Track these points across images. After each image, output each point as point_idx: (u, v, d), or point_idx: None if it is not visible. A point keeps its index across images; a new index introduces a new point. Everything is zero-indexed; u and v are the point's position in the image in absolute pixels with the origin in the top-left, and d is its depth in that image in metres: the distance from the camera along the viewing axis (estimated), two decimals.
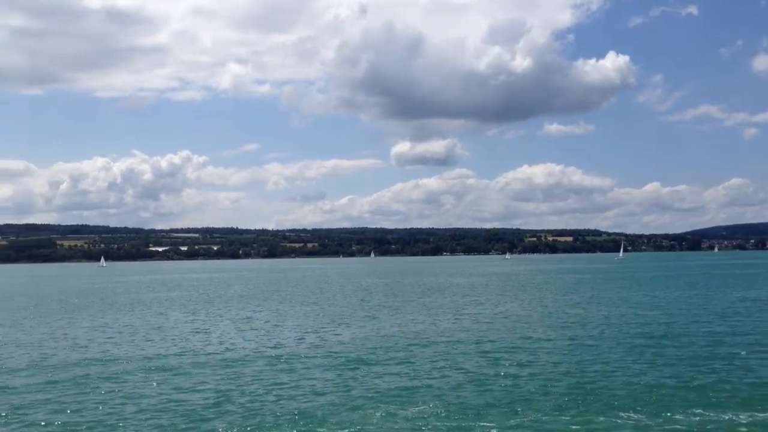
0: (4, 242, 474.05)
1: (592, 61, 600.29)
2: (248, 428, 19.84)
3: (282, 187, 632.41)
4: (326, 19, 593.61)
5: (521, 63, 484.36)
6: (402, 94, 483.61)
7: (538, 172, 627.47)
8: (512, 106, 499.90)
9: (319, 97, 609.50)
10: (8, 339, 40.20)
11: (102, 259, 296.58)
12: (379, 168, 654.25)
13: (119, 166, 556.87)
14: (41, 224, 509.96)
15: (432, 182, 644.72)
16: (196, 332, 42.12)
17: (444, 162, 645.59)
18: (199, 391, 24.79)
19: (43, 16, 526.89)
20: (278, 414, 21.29)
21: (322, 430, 19.67)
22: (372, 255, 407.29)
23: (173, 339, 38.93)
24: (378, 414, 21.01)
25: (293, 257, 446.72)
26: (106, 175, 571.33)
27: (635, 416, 20.17)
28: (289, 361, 30.43)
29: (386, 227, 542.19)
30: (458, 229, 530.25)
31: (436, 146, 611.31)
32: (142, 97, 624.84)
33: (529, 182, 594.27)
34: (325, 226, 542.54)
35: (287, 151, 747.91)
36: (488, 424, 19.75)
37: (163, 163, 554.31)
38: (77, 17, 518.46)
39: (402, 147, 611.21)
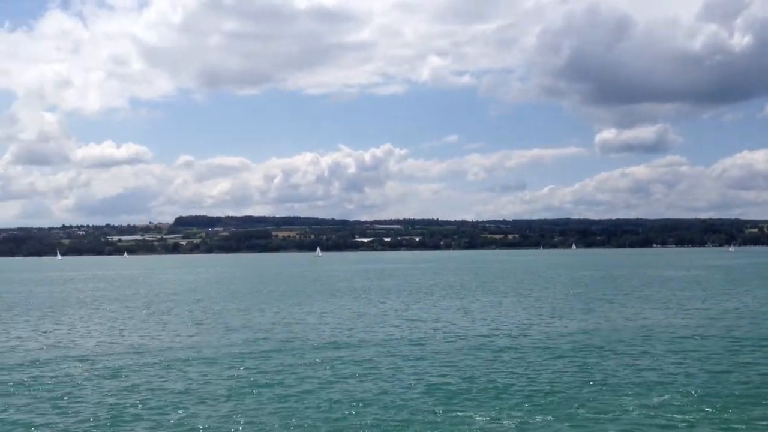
0: (225, 233, 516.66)
1: None
2: (527, 408, 20.64)
3: (481, 177, 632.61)
4: (527, 6, 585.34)
5: (740, 41, 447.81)
6: (607, 79, 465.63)
7: (760, 158, 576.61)
8: (730, 87, 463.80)
9: (518, 86, 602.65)
10: (305, 319, 44.39)
11: (318, 249, 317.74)
12: (582, 156, 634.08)
13: (326, 160, 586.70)
14: (258, 216, 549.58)
15: (640, 170, 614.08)
16: (414, 320, 43.90)
17: (653, 149, 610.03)
18: (452, 371, 26.15)
19: (256, 19, 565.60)
20: (535, 397, 21.95)
21: (582, 411, 20.16)
22: (573, 247, 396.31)
23: (402, 325, 40.94)
24: (626, 402, 20.99)
25: (493, 248, 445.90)
26: (314, 169, 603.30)
27: None
28: (522, 350, 30.97)
29: (590, 218, 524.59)
30: (669, 219, 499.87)
31: (644, 132, 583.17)
32: (347, 92, 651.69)
33: (750, 168, 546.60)
34: (525, 217, 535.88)
35: (486, 141, 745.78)
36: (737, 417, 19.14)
37: (367, 156, 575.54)
38: (288, 19, 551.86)
39: (607, 134, 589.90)
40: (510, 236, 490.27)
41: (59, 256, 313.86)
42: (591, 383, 23.75)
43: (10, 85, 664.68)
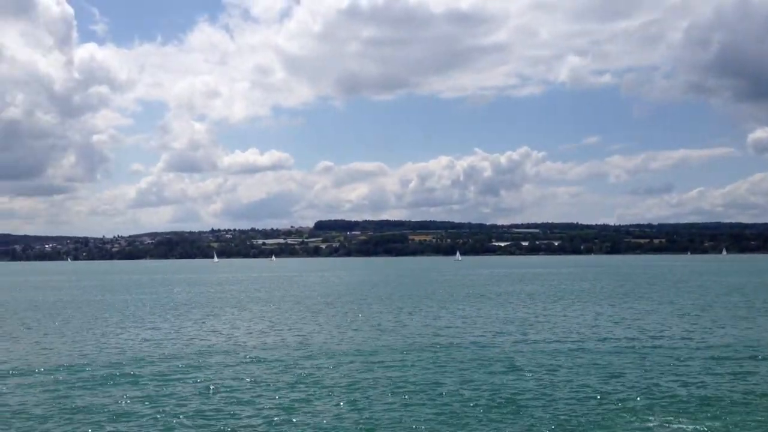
0: (363, 237, 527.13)
1: None
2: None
3: (623, 180, 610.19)
4: (673, 1, 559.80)
5: None
6: (760, 74, 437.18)
7: None
8: None
9: (663, 84, 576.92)
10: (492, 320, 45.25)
11: (457, 253, 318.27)
12: (733, 157, 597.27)
13: (462, 164, 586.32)
14: (394, 220, 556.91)
15: None
16: (567, 325, 43.17)
17: None
18: (614, 377, 25.68)
19: (393, 25, 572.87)
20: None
21: None
22: (724, 252, 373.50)
23: (556, 329, 40.46)
24: None
25: (638, 253, 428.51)
26: (450, 173, 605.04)
27: None
28: (692, 359, 29.89)
29: (743, 222, 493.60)
30: None
31: None
32: (482, 95, 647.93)
33: None
34: (671, 221, 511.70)
35: (629, 142, 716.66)
36: None
37: (503, 159, 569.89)
38: (423, 23, 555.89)
39: (762, 133, 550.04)
40: (655, 241, 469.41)
41: (216, 259, 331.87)
42: None
43: (162, 96, 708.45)
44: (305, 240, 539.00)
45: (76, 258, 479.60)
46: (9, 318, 52.67)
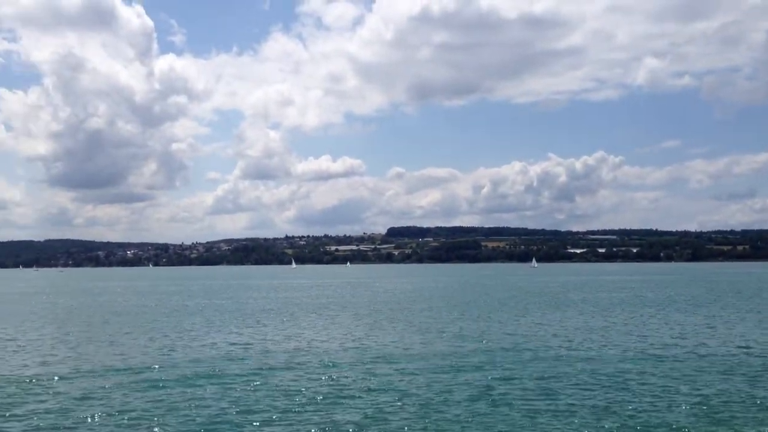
0: (435, 243, 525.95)
1: None
2: None
3: (705, 185, 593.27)
4: (753, 1, 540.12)
5: None
6: None
7: None
8: None
9: (746, 85, 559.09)
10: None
11: (533, 260, 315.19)
12: None
13: (535, 170, 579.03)
14: (467, 226, 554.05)
15: None
16: (651, 334, 41.93)
17: None
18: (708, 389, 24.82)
19: (465, 30, 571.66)
20: None
21: None
22: None
23: (643, 337, 39.39)
24: None
25: (720, 260, 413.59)
26: (523, 178, 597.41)
27: None
28: None
29: None
30: None
31: None
32: (556, 100, 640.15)
33: None
34: (755, 227, 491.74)
35: (711, 145, 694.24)
36: None
37: (578, 164, 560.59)
38: (496, 28, 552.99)
39: None
40: (739, 248, 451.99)
41: (294, 265, 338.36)
42: None
43: (238, 105, 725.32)
44: (378, 246, 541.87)
45: (156, 264, 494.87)
46: (110, 322, 54.65)
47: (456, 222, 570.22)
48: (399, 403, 23.15)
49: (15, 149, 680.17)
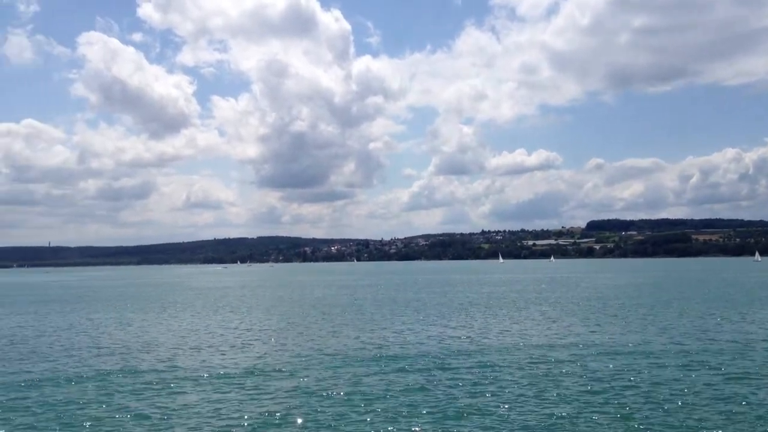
0: (640, 237, 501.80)
1: None
2: None
3: None
4: None
5: None
6: None
7: None
8: None
9: None
10: None
11: (756, 253, 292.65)
12: None
13: (751, 156, 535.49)
14: (674, 219, 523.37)
15: None
16: None
17: None
18: None
19: (667, 11, 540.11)
20: None
21: None
22: None
23: None
24: None
25: None
26: (737, 166, 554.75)
27: None
28: None
29: None
30: None
31: None
32: None
33: None
34: None
35: None
36: None
37: None
38: (702, 7, 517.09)
39: None
40: None
41: (501, 260, 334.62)
42: None
43: (432, 102, 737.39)
44: (577, 241, 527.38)
45: (358, 259, 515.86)
46: (329, 313, 57.78)
47: (662, 214, 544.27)
48: (611, 399, 22.31)
49: (228, 153, 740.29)
